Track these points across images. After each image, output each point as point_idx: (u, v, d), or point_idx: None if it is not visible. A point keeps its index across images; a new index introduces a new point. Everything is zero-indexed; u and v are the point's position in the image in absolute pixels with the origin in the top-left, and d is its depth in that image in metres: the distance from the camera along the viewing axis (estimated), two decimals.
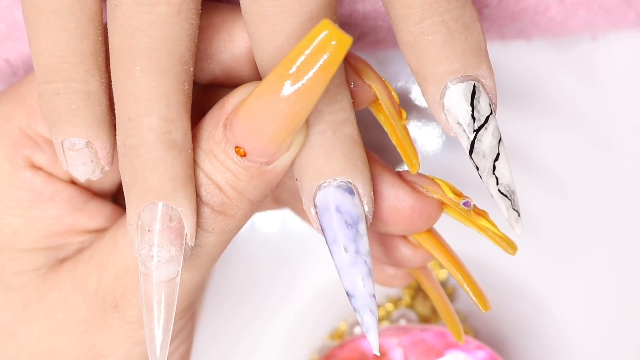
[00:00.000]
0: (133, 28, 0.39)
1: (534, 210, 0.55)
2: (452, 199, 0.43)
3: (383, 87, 0.43)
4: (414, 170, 0.43)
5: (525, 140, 0.55)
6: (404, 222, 0.43)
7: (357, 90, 0.42)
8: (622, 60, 0.55)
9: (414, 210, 0.43)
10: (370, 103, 0.43)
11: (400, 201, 0.43)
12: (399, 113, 0.43)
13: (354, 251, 0.41)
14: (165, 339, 0.41)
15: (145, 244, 0.40)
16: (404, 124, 0.43)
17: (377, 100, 0.43)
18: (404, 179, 0.43)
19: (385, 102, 0.43)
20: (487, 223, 0.44)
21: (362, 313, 0.41)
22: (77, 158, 0.42)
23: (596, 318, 0.56)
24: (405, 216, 0.43)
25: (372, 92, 0.43)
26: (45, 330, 0.45)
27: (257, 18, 0.40)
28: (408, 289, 0.56)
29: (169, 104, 0.39)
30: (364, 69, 0.42)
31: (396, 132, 0.43)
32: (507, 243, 0.44)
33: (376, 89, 0.42)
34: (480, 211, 0.44)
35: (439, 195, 0.43)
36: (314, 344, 0.56)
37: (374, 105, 0.43)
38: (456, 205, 0.43)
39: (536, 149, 0.55)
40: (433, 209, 0.43)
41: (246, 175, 0.40)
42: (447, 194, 0.43)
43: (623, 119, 0.55)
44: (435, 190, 0.43)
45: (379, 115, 0.43)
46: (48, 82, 0.41)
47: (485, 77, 0.41)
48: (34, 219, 0.45)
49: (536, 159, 0.56)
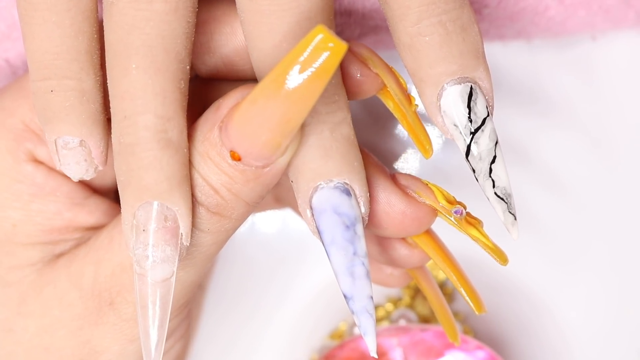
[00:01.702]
0: (129, 25, 0.39)
1: (534, 210, 0.55)
2: (444, 207, 0.43)
3: (390, 74, 0.42)
4: (427, 155, 0.43)
5: (524, 140, 0.55)
6: (394, 227, 0.43)
7: (365, 79, 0.42)
8: (622, 60, 0.55)
9: (404, 216, 0.43)
10: (378, 91, 0.43)
11: (391, 206, 0.43)
12: (408, 99, 0.43)
13: (352, 253, 0.40)
14: (160, 339, 0.41)
15: (140, 243, 0.40)
16: (414, 110, 0.43)
17: (386, 88, 0.43)
18: (397, 183, 0.43)
19: (393, 89, 0.42)
20: (478, 234, 0.43)
21: (359, 315, 0.41)
22: (70, 157, 0.42)
23: (596, 318, 0.56)
24: (396, 221, 0.43)
25: (379, 80, 0.42)
26: (41, 326, 0.45)
27: (254, 17, 0.39)
28: (408, 289, 0.56)
29: (165, 102, 0.39)
30: (370, 57, 0.42)
31: (407, 119, 0.43)
32: (497, 254, 0.43)
33: (383, 77, 0.42)
34: (472, 220, 0.44)
35: (431, 201, 0.43)
36: (314, 344, 0.56)
37: (382, 93, 0.43)
38: (448, 213, 0.43)
39: (536, 149, 0.55)
40: (425, 215, 0.43)
41: (242, 178, 0.40)
42: (439, 200, 0.43)
43: (623, 119, 0.55)
44: (427, 196, 0.43)
45: (388, 103, 0.43)
46: (42, 79, 0.41)
47: (482, 79, 0.41)
48: (33, 212, 0.45)
49: (535, 159, 0.55)
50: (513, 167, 0.43)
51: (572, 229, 0.56)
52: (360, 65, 0.42)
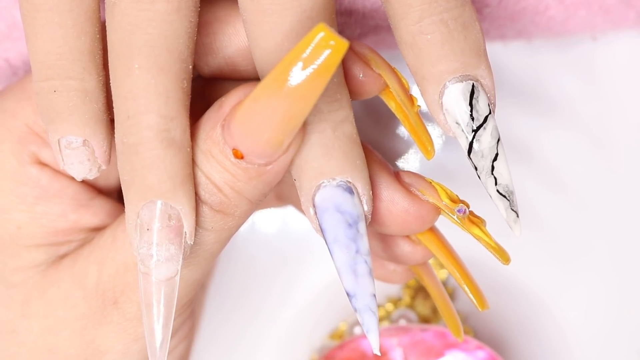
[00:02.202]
0: (132, 26, 0.39)
1: (534, 210, 0.55)
2: (448, 205, 0.43)
3: (393, 74, 0.42)
4: (429, 156, 0.43)
5: (525, 140, 0.55)
6: (397, 225, 0.43)
7: (367, 79, 0.42)
8: (622, 60, 0.55)
9: (407, 214, 0.43)
10: (380, 91, 0.43)
11: (394, 204, 0.43)
12: (410, 100, 0.43)
13: (355, 251, 0.40)
14: (165, 337, 0.41)
15: (145, 242, 0.40)
16: (416, 111, 0.43)
17: (388, 88, 0.43)
18: (401, 180, 0.43)
19: (396, 89, 0.42)
20: (481, 233, 0.43)
21: (362, 313, 0.41)
22: (73, 157, 0.42)
23: (596, 318, 0.56)
24: (399, 219, 0.43)
25: (382, 81, 0.42)
26: (45, 326, 0.45)
27: (256, 16, 0.39)
28: (408, 289, 0.56)
29: (168, 101, 0.39)
30: (373, 58, 0.42)
31: (409, 119, 0.43)
32: (499, 254, 0.43)
33: (386, 77, 0.42)
34: (475, 219, 0.44)
35: (434, 199, 0.43)
36: (314, 344, 0.56)
37: (384, 93, 0.43)
38: (451, 212, 0.43)
39: (536, 149, 0.55)
40: (427, 213, 0.43)
41: (244, 176, 0.40)
42: (442, 199, 0.43)
43: (623, 119, 0.55)
44: (431, 194, 0.43)
45: (390, 103, 0.43)
46: (45, 79, 0.41)
47: (484, 76, 0.41)
48: (38, 215, 0.45)
49: (536, 159, 0.55)
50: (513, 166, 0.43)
51: (572, 228, 0.56)
52: (363, 65, 0.42)
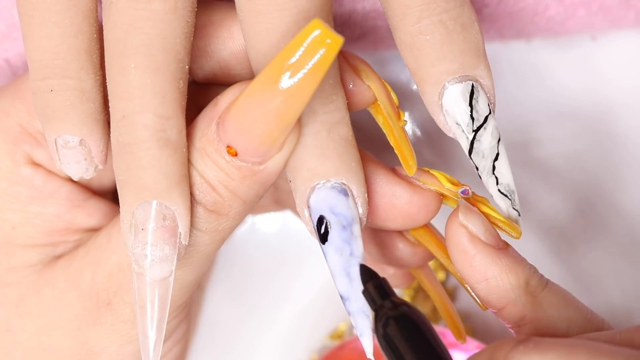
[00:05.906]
0: (128, 25, 0.39)
1: (534, 209, 0.55)
2: (450, 189, 0.43)
3: (382, 87, 0.42)
4: (410, 172, 0.43)
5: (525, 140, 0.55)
6: (402, 218, 0.43)
7: (356, 90, 0.42)
8: (622, 60, 0.55)
9: (411, 205, 0.43)
10: (369, 104, 0.43)
11: (397, 197, 0.42)
12: (397, 114, 0.43)
13: (348, 253, 0.40)
14: (159, 339, 0.40)
15: (139, 242, 0.40)
16: (402, 126, 0.43)
17: (376, 102, 0.43)
18: (399, 174, 0.43)
19: (384, 102, 0.42)
20: (488, 209, 0.43)
21: (355, 316, 0.41)
22: (70, 156, 0.42)
23: None
24: (403, 211, 0.43)
25: (371, 93, 0.42)
26: (39, 326, 0.45)
27: (252, 16, 0.39)
28: (408, 289, 0.56)
29: (164, 101, 0.39)
30: (364, 69, 0.42)
31: (394, 134, 0.43)
32: (510, 227, 0.43)
33: (375, 90, 0.42)
34: (480, 198, 0.43)
35: (436, 186, 0.43)
36: (314, 344, 0.56)
37: (372, 107, 0.43)
38: (455, 195, 0.43)
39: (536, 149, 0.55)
40: (431, 201, 0.43)
41: (238, 175, 0.40)
42: (444, 184, 0.43)
43: (623, 119, 0.55)
44: (431, 182, 0.43)
45: (378, 117, 0.43)
46: (42, 78, 0.41)
47: (484, 77, 0.41)
48: (32, 215, 0.45)
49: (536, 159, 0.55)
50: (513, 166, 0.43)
51: (572, 228, 0.56)
52: (353, 75, 0.42)
